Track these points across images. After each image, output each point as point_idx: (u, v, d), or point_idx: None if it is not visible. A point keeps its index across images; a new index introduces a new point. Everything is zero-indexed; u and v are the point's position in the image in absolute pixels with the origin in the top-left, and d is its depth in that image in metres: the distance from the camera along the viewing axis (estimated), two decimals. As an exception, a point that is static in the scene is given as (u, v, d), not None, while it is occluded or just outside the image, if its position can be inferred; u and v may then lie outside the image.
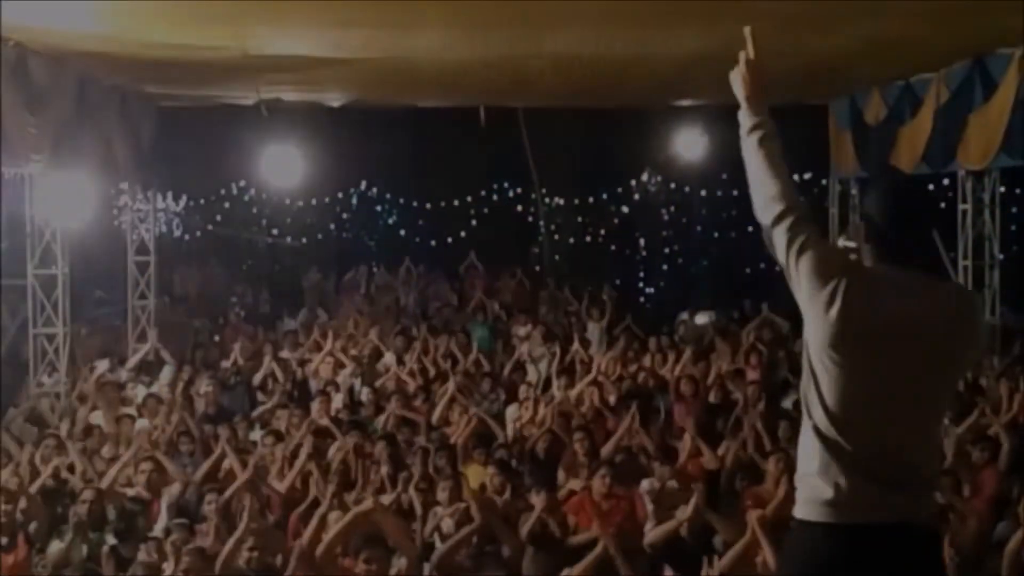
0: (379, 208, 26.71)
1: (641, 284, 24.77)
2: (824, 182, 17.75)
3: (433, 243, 25.15)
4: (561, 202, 25.47)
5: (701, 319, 16.76)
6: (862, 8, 9.18)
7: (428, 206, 25.84)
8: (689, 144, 17.78)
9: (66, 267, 12.85)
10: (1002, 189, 13.66)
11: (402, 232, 26.38)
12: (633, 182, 24.67)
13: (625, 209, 25.37)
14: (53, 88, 11.31)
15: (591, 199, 25.33)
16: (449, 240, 24.95)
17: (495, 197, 25.53)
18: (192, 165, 19.80)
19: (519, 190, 24.78)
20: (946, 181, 14.86)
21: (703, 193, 23.03)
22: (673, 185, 25.16)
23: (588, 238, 25.88)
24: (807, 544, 3.60)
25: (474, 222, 25.50)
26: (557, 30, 10.25)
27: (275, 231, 25.45)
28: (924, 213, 3.67)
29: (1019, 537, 7.29)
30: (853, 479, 3.47)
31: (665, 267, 24.90)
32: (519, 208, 25.08)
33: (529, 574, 7.76)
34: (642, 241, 25.69)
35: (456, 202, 25.49)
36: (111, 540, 8.12)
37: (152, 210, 16.93)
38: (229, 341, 15.40)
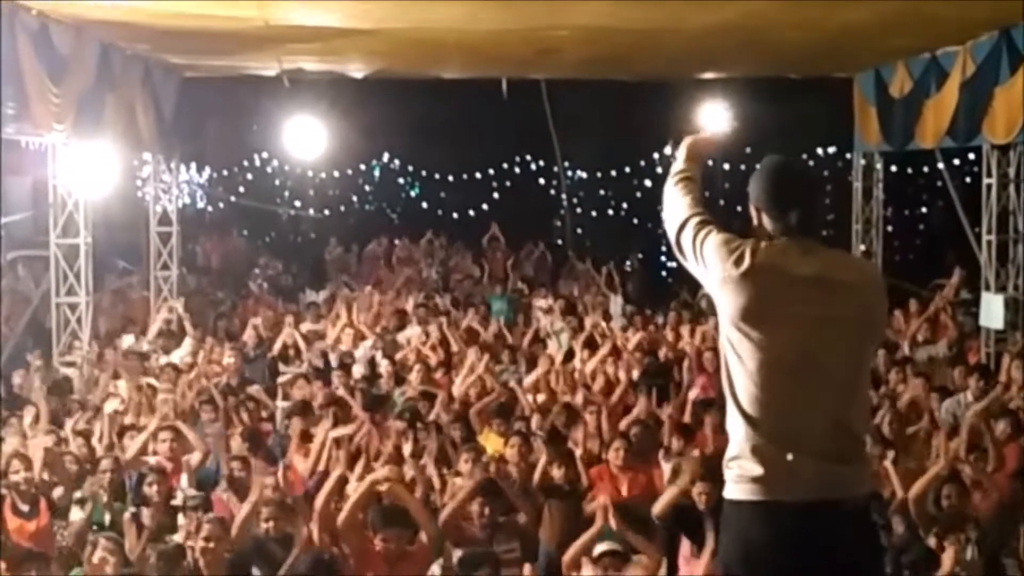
0: (401, 180, 26.69)
1: (663, 257, 24.68)
2: (848, 156, 17.63)
3: (455, 215, 25.14)
4: (584, 175, 25.41)
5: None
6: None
7: (451, 178, 25.81)
8: (713, 117, 17.64)
9: (89, 237, 12.88)
10: (1028, 163, 13.51)
11: (424, 204, 26.36)
12: (656, 155, 24.55)
13: (648, 182, 25.26)
14: (75, 57, 11.32)
15: (614, 172, 25.25)
16: (471, 212, 24.93)
17: (517, 170, 25.48)
18: (215, 136, 19.83)
19: (542, 162, 24.72)
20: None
21: (726, 167, 22.88)
22: (696, 158, 24.99)
23: (611, 211, 25.83)
24: (737, 523, 3.61)
25: (496, 195, 25.47)
26: (580, 1, 10.19)
27: (297, 203, 25.48)
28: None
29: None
30: (780, 454, 3.50)
31: (688, 240, 24.86)
32: (542, 181, 25.02)
33: (545, 537, 7.80)
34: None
35: (479, 174, 25.46)
36: (132, 508, 8.15)
37: (175, 181, 16.94)
38: (251, 313, 15.41)
